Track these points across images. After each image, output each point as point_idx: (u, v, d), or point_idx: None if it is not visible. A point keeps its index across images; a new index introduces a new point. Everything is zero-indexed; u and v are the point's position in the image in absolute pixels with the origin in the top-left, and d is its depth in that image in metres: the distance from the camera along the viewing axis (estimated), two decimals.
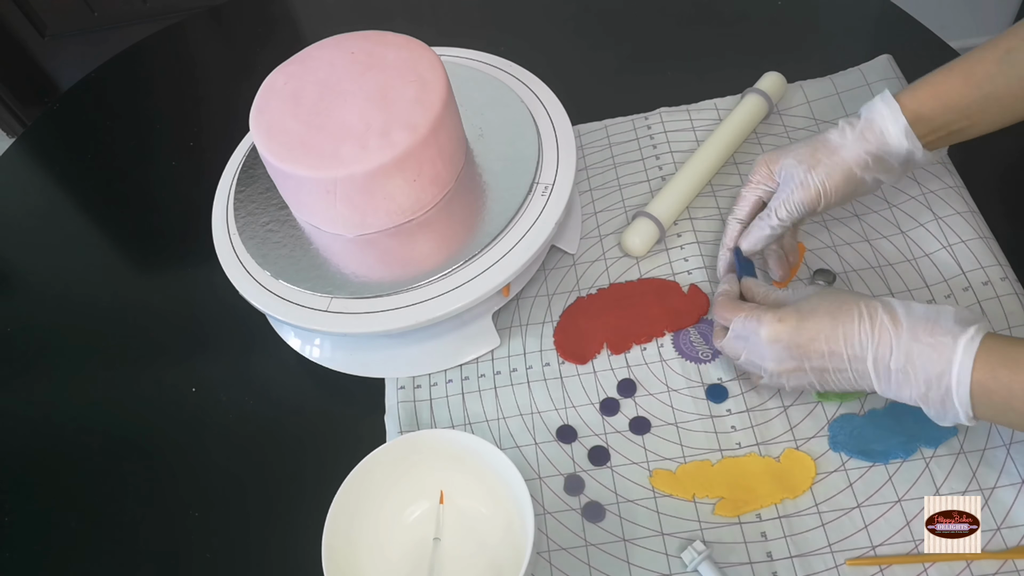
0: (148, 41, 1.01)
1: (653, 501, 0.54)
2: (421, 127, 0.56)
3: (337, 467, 0.52)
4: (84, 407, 0.68)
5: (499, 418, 0.60)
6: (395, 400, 0.61)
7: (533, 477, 0.56)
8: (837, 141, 0.55)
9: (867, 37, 0.81)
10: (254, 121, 0.59)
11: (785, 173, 0.57)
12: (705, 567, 0.50)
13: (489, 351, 0.63)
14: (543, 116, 0.66)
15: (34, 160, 0.91)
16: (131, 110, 0.93)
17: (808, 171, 0.55)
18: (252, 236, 0.63)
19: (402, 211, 0.59)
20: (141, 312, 0.73)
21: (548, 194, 0.60)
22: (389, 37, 0.62)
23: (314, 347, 0.65)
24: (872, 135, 0.55)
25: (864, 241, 0.64)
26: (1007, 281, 0.58)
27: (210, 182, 0.69)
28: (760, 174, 0.59)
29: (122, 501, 0.61)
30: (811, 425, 0.55)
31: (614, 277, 0.66)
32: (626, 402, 0.59)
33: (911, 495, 0.51)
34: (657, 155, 0.73)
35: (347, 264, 0.60)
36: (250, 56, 0.94)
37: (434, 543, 0.53)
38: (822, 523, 0.51)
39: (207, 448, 0.63)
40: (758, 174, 0.59)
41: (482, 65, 0.71)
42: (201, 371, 0.68)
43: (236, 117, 0.65)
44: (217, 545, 0.58)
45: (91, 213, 0.85)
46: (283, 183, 0.60)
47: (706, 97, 0.76)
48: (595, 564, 0.52)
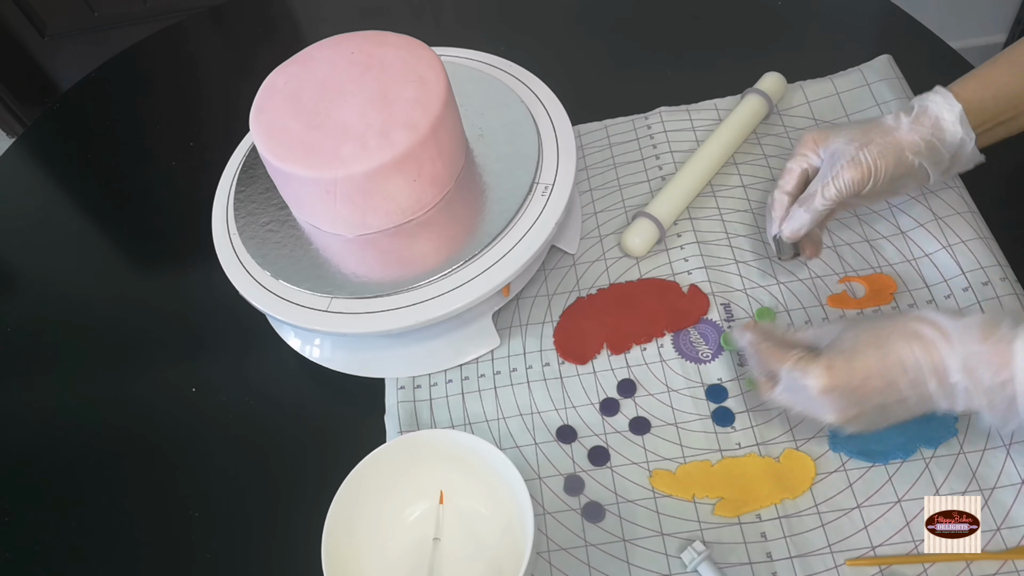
0: (148, 41, 1.01)
1: (653, 501, 0.54)
2: (421, 127, 0.56)
3: (337, 467, 0.52)
4: (84, 407, 0.68)
5: (499, 418, 0.60)
6: (395, 400, 0.61)
7: (533, 477, 0.56)
8: (891, 124, 0.55)
9: (867, 37, 0.81)
10: (254, 121, 0.59)
11: (834, 151, 0.55)
12: (705, 567, 0.50)
13: (489, 351, 0.63)
14: (543, 116, 0.66)
15: (34, 160, 0.91)
16: (131, 110, 0.93)
17: (860, 149, 0.54)
18: (252, 236, 0.63)
19: (402, 211, 0.59)
20: (141, 312, 0.73)
21: (548, 194, 0.60)
22: (389, 37, 0.62)
23: (314, 347, 0.65)
24: (927, 120, 0.54)
25: (864, 242, 0.64)
26: (1007, 281, 0.58)
27: (210, 182, 0.69)
28: (807, 147, 0.57)
29: (122, 501, 0.62)
30: (811, 425, 0.55)
31: (614, 277, 0.66)
32: (626, 402, 0.59)
33: (911, 495, 0.51)
34: (657, 155, 0.73)
35: (347, 264, 0.60)
36: (250, 56, 0.94)
37: (434, 543, 0.53)
38: (822, 523, 0.51)
39: (207, 448, 0.63)
40: (805, 147, 0.58)
41: (482, 65, 0.71)
42: (201, 371, 0.68)
43: (236, 117, 0.65)
44: (217, 545, 0.58)
45: (91, 213, 0.85)
46: (283, 183, 0.60)
47: (706, 97, 0.76)
48: (595, 564, 0.52)
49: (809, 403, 0.49)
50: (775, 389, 0.51)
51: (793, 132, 0.72)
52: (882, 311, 0.60)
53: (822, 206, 0.55)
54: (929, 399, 0.46)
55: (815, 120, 0.73)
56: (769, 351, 0.51)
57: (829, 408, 0.48)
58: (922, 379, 0.45)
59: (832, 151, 0.56)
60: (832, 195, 0.55)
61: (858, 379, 0.46)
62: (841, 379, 0.47)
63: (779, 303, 0.62)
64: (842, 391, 0.47)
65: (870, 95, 0.72)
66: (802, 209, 0.56)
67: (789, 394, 0.50)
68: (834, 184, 0.54)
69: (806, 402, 0.49)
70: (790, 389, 0.50)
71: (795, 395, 0.50)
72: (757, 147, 0.72)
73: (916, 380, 0.46)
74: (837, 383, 0.47)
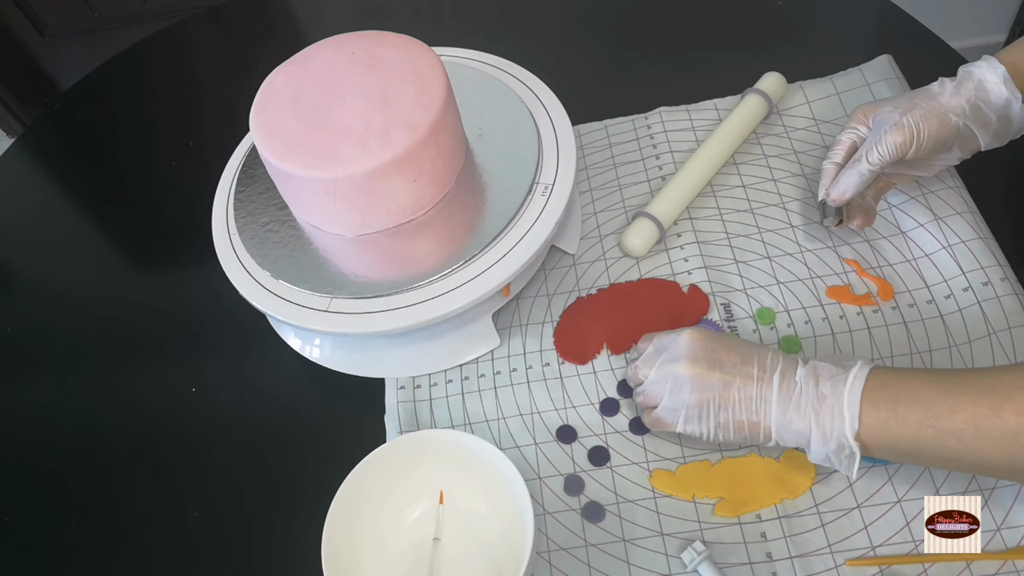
0: (148, 41, 1.01)
1: (653, 501, 0.54)
2: (421, 127, 0.56)
3: (337, 467, 0.52)
4: (84, 407, 0.68)
5: (499, 418, 0.60)
6: (395, 400, 0.61)
7: (533, 477, 0.56)
8: (936, 89, 0.57)
9: (867, 37, 0.81)
10: (254, 121, 0.59)
11: (879, 118, 0.58)
12: (705, 567, 0.50)
13: (489, 351, 0.63)
14: (543, 116, 0.66)
15: (34, 160, 0.91)
16: (131, 110, 0.93)
17: (903, 114, 0.56)
18: (252, 236, 0.63)
19: (402, 211, 0.59)
20: (141, 312, 0.73)
21: (548, 194, 0.60)
22: (389, 37, 0.62)
23: (314, 347, 0.65)
24: (971, 83, 0.56)
25: (864, 242, 0.64)
26: (1007, 281, 0.58)
27: (210, 182, 0.69)
28: (857, 119, 0.60)
29: (122, 501, 0.61)
30: None
31: (614, 277, 0.66)
32: (626, 402, 0.59)
33: (911, 495, 0.51)
34: (657, 155, 0.73)
35: (347, 264, 0.60)
36: (250, 56, 0.94)
37: (434, 543, 0.53)
38: (822, 523, 0.51)
39: (207, 448, 0.63)
40: (855, 120, 0.60)
41: (482, 65, 0.71)
42: (201, 371, 0.68)
43: (236, 117, 0.65)
44: (217, 545, 0.58)
45: (91, 213, 0.85)
46: (283, 183, 0.60)
47: (706, 97, 0.76)
48: (595, 564, 0.52)
49: (668, 359, 0.52)
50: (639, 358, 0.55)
51: (793, 132, 0.72)
52: (882, 311, 0.60)
53: (867, 170, 0.57)
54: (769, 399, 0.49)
55: (815, 120, 0.73)
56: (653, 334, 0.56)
57: (686, 356, 0.51)
58: (770, 374, 0.49)
59: (878, 118, 0.58)
60: (876, 159, 0.56)
61: (727, 343, 0.51)
62: (713, 336, 0.52)
63: (779, 303, 0.62)
64: (709, 343, 0.51)
65: (870, 95, 0.72)
66: (847, 173, 0.58)
67: (652, 354, 0.54)
68: (877, 149, 0.56)
69: (665, 360, 0.52)
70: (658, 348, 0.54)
71: (658, 354, 0.53)
72: (757, 147, 0.72)
73: (764, 371, 0.49)
74: (710, 335, 0.52)
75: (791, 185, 0.69)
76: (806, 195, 0.68)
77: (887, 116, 0.57)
